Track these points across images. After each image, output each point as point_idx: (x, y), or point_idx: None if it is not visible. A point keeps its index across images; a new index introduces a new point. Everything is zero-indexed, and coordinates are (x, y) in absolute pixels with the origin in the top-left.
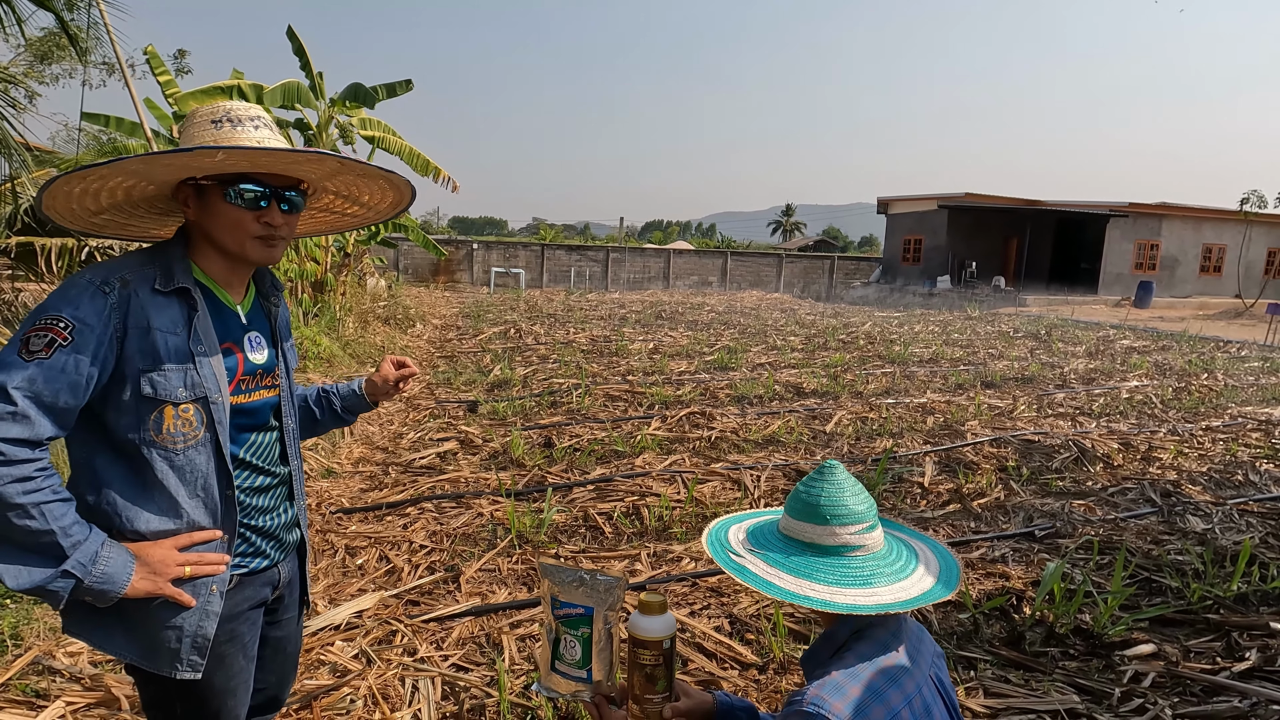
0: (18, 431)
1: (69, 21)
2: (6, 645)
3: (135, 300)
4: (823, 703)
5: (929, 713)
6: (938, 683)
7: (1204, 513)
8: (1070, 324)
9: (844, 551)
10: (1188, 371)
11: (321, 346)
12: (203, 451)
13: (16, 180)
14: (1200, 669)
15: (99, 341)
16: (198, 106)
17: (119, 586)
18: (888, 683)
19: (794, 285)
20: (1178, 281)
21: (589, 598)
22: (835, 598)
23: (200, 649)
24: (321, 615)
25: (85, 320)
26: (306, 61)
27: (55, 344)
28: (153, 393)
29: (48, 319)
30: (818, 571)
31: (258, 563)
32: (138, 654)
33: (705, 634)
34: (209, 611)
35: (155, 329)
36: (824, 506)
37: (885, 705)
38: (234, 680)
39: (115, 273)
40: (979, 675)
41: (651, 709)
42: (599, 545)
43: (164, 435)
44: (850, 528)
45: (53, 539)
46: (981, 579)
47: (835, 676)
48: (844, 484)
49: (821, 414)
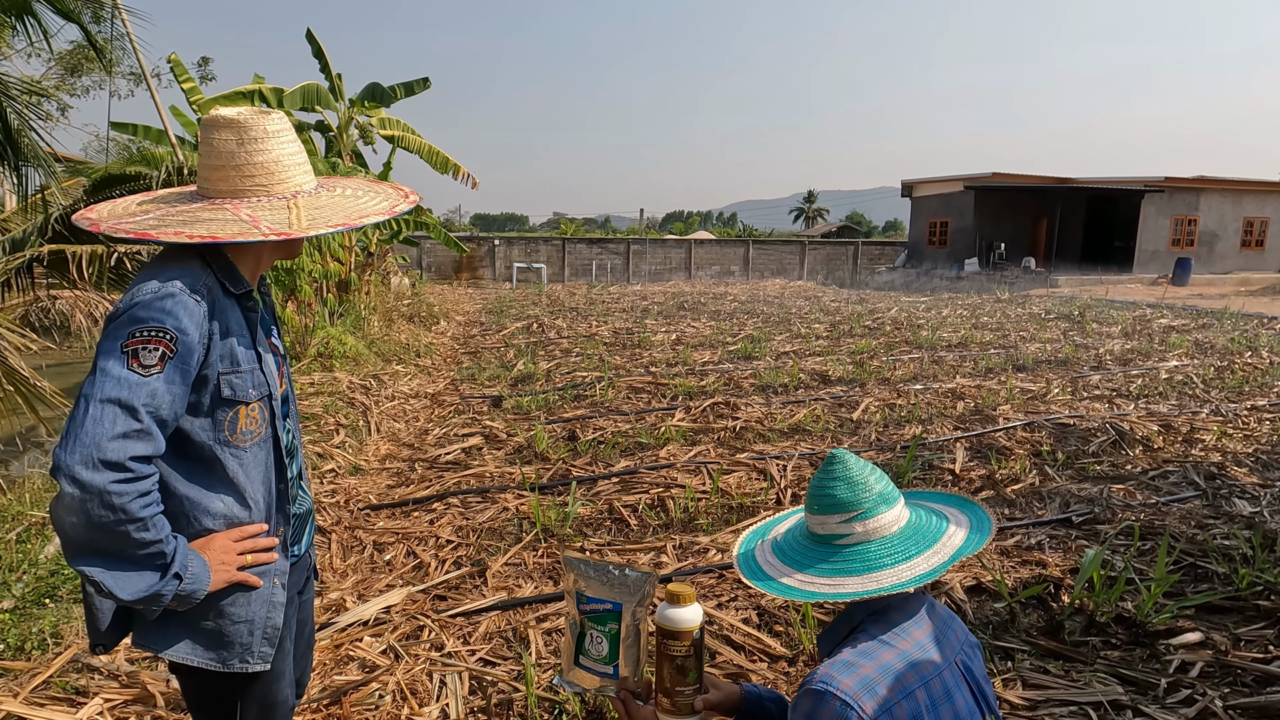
0: (143, 449)
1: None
2: (47, 643)
3: (218, 305)
4: (831, 680)
5: (949, 697)
6: (964, 669)
7: (1251, 495)
8: (1104, 304)
9: (833, 540)
10: (1230, 350)
11: (347, 345)
12: (265, 446)
13: (47, 190)
14: (1252, 658)
15: (197, 350)
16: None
17: (205, 584)
18: (903, 663)
19: (817, 272)
20: (1217, 257)
21: (617, 593)
22: (868, 585)
23: (271, 639)
24: (350, 611)
25: (185, 330)
26: (326, 64)
27: (165, 357)
28: (232, 394)
29: (150, 330)
30: (838, 562)
31: (299, 548)
32: (210, 653)
33: (733, 626)
34: (275, 602)
35: (232, 333)
36: (834, 497)
37: (899, 684)
38: (284, 663)
39: (199, 278)
40: (1017, 666)
41: (683, 701)
42: (625, 538)
43: (238, 434)
44: (837, 516)
45: (160, 548)
46: (1017, 567)
47: (846, 655)
48: (850, 474)
49: (848, 401)
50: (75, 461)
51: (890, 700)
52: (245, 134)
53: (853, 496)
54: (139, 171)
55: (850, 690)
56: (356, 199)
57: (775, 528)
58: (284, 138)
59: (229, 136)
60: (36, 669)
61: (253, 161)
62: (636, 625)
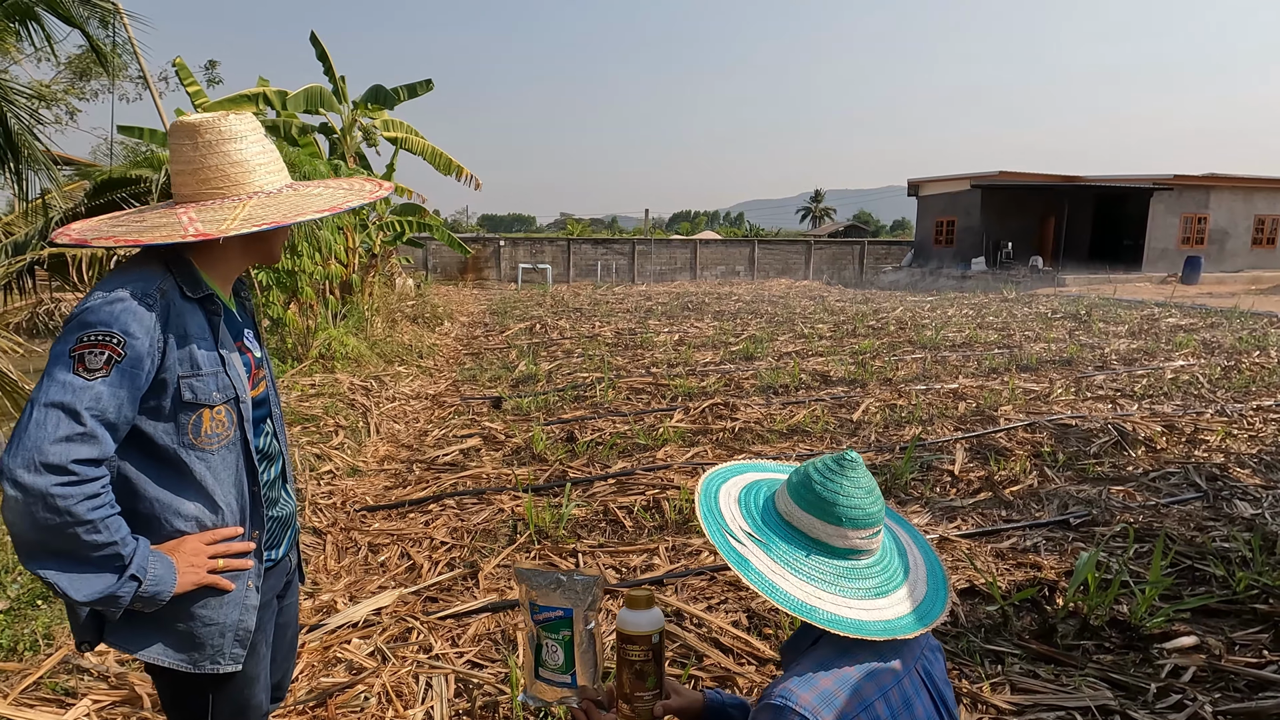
0: (88, 452)
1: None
2: (39, 645)
3: (173, 309)
4: (790, 694)
5: (909, 706)
6: (924, 675)
7: (1253, 497)
8: (1112, 303)
9: (851, 555)
10: (1238, 349)
11: (349, 347)
12: (234, 449)
13: (48, 195)
14: (1245, 662)
15: (148, 354)
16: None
17: (169, 586)
18: (862, 674)
19: (823, 272)
20: (1228, 255)
21: (567, 599)
22: (842, 611)
23: (243, 642)
24: (341, 613)
25: (133, 334)
26: (329, 66)
27: (112, 361)
28: (193, 397)
29: (98, 334)
30: (825, 578)
31: (277, 552)
32: (181, 655)
33: (722, 629)
34: (248, 605)
35: (190, 336)
36: (841, 506)
37: (858, 696)
38: (259, 667)
39: (153, 283)
40: (1006, 670)
41: (642, 706)
42: (618, 539)
43: (202, 437)
44: (863, 532)
45: (115, 550)
46: (1012, 569)
47: (805, 667)
48: (864, 482)
49: (848, 402)
50: (17, 465)
51: (849, 713)
52: (200, 139)
53: (876, 510)
54: (141, 175)
55: (809, 705)
56: (310, 197)
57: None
58: (244, 140)
59: (186, 142)
60: (27, 670)
61: (207, 165)
62: (590, 630)
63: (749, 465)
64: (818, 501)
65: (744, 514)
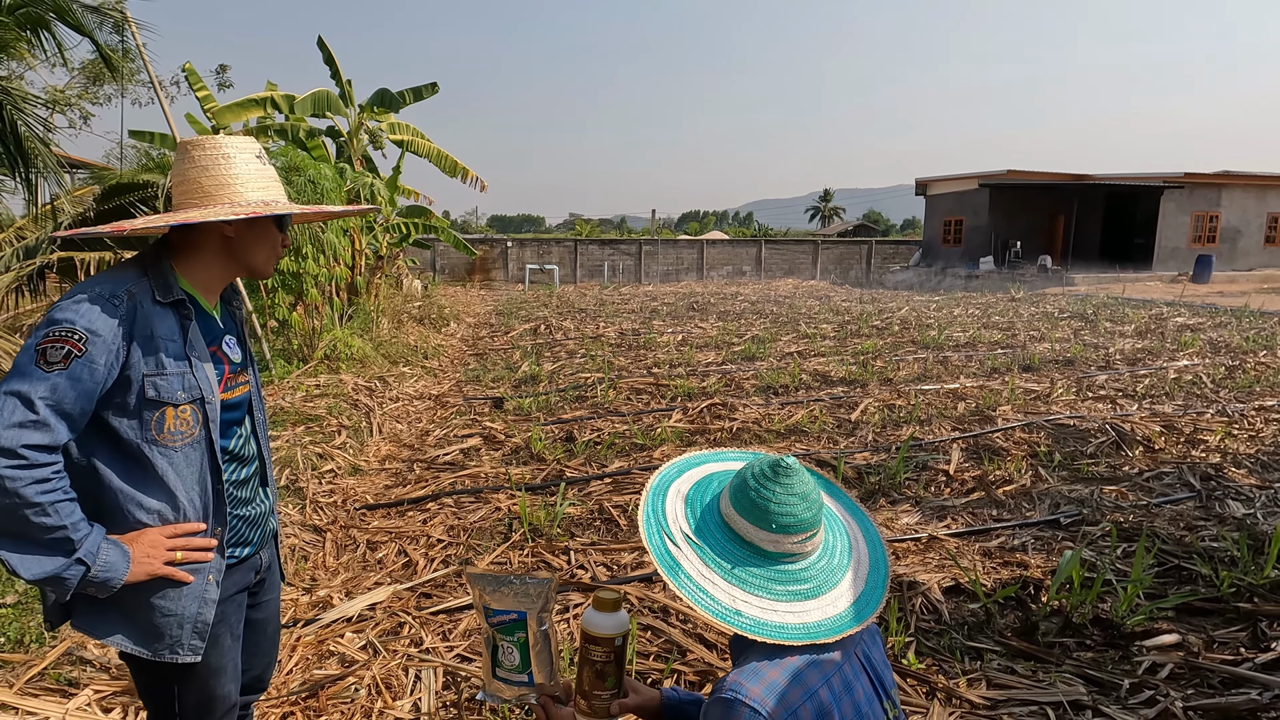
0: (39, 438)
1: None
2: (44, 638)
3: (140, 311)
4: (740, 687)
5: (849, 690)
6: (864, 659)
7: (1246, 497)
8: (1120, 302)
9: (784, 560)
10: (1244, 349)
11: (354, 348)
12: (198, 448)
13: (56, 200)
14: (1221, 659)
15: (109, 351)
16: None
17: (120, 574)
18: (805, 663)
19: (830, 272)
20: (1240, 254)
21: (519, 602)
22: (768, 616)
23: (200, 633)
24: (336, 608)
25: (97, 331)
26: (336, 70)
27: (71, 355)
28: (156, 395)
29: (61, 330)
30: (755, 580)
31: (243, 550)
32: (141, 643)
33: (708, 624)
34: (207, 599)
35: (157, 337)
36: (774, 513)
37: (802, 685)
38: (224, 659)
39: (121, 285)
40: (984, 666)
41: (599, 705)
42: (612, 538)
43: (165, 434)
44: (794, 537)
45: (65, 534)
46: (999, 568)
47: (753, 661)
48: (799, 489)
49: (847, 402)
50: None
51: (795, 703)
52: (186, 155)
53: (811, 515)
54: (149, 180)
55: (758, 697)
56: (283, 206)
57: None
58: (231, 160)
59: (181, 158)
60: (32, 661)
61: (188, 178)
62: (544, 632)
63: (710, 455)
64: (751, 507)
65: (688, 513)
